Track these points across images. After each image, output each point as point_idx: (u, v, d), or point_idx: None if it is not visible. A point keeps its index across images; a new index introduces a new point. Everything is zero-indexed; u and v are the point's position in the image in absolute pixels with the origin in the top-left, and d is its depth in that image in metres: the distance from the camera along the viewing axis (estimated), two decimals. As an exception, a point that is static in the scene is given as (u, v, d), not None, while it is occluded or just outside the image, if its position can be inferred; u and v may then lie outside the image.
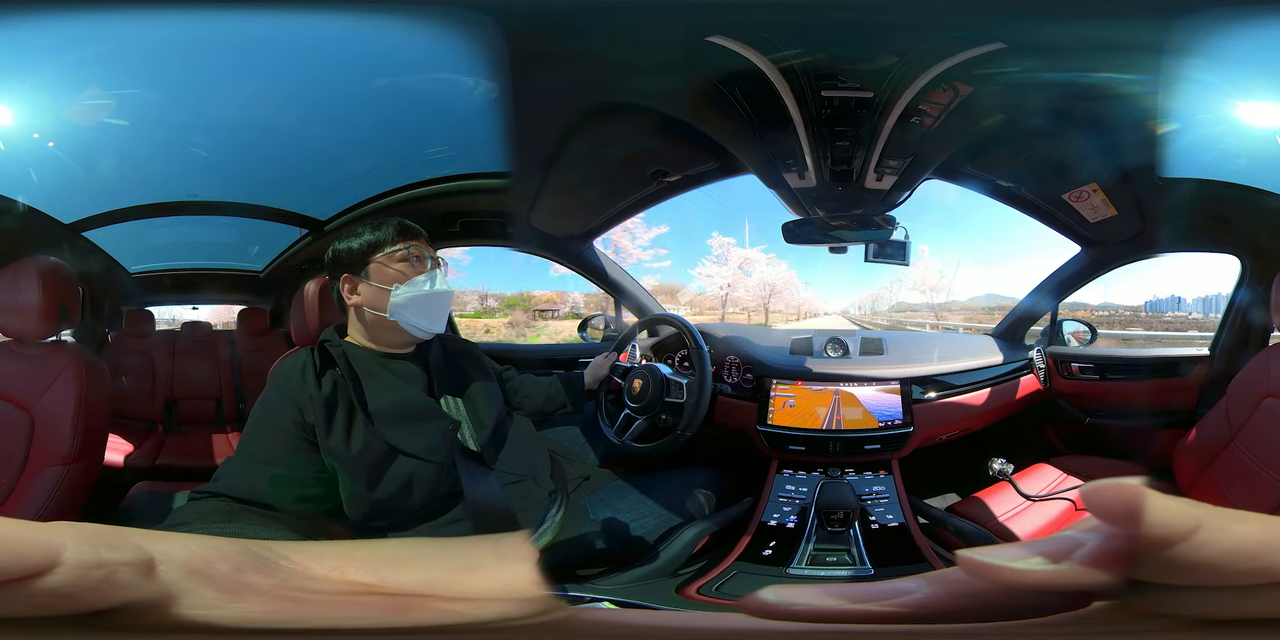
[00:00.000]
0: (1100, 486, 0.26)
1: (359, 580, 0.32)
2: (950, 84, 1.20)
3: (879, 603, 0.28)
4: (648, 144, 1.49)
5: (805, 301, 2.18)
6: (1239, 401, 1.37)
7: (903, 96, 1.21)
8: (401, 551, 0.35)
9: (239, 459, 1.06)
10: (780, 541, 1.36)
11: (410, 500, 1.06)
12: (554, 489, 1.23)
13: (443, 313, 1.15)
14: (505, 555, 0.34)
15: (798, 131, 1.28)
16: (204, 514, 0.99)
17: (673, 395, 1.41)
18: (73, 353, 1.39)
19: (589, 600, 1.11)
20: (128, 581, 0.27)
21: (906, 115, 1.24)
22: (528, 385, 1.40)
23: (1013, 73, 1.22)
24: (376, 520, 1.06)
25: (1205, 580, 0.27)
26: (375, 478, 1.04)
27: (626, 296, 1.80)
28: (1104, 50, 1.17)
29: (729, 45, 1.14)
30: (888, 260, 1.49)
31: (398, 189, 1.68)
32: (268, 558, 0.32)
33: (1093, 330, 1.74)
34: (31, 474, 1.30)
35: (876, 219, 1.44)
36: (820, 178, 1.36)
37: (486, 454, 1.13)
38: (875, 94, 1.22)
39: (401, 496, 1.06)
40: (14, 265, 1.36)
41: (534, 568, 0.33)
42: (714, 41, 1.13)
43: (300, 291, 1.43)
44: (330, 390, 1.05)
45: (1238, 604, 0.28)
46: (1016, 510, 1.45)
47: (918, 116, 1.25)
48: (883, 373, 1.51)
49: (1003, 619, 0.29)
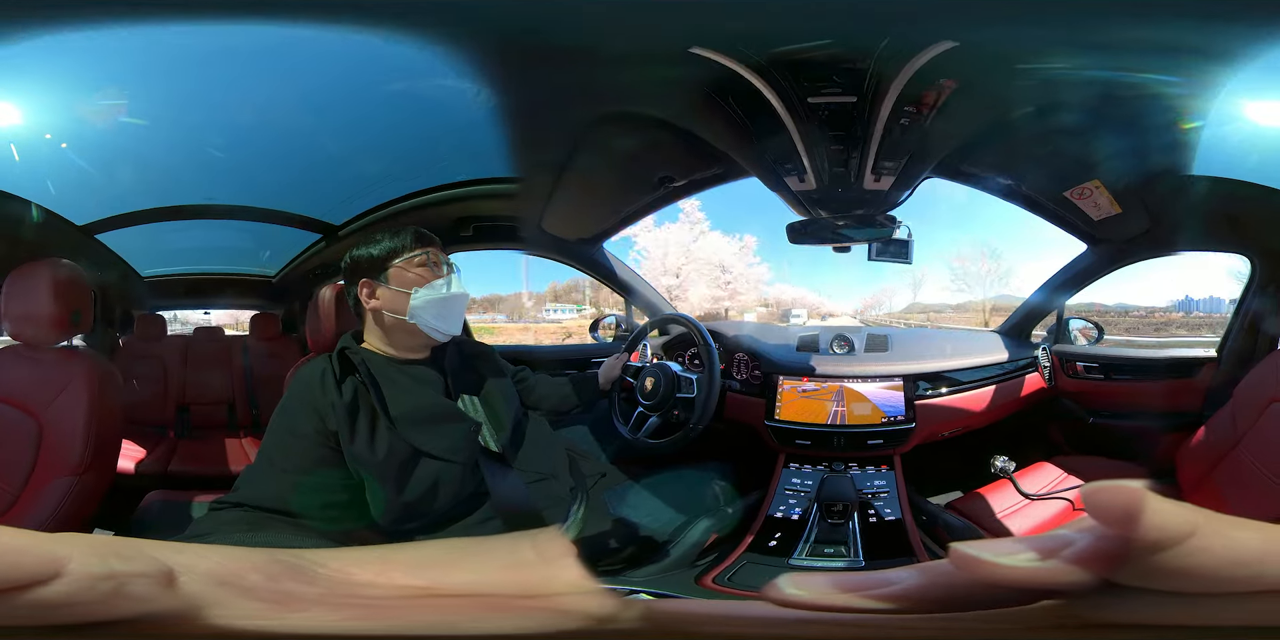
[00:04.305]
0: (1099, 488, 0.25)
1: (409, 584, 0.31)
2: (935, 82, 1.21)
3: (867, 592, 0.28)
4: (653, 150, 1.51)
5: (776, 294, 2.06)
6: (1246, 405, 1.35)
7: (885, 97, 1.22)
8: (440, 553, 0.34)
9: (260, 468, 1.04)
10: (785, 533, 1.39)
11: (437, 502, 1.07)
12: (574, 486, 1.24)
13: (459, 315, 1.16)
14: (545, 551, 0.33)
15: (793, 137, 1.30)
16: (227, 524, 0.98)
17: (684, 392, 1.44)
18: (85, 359, 1.34)
19: (627, 593, 1.13)
20: (143, 593, 0.26)
21: (895, 116, 1.25)
22: (542, 385, 1.40)
23: (1007, 68, 1.22)
24: (406, 524, 1.06)
25: (1195, 586, 0.26)
26: (402, 481, 1.05)
27: (637, 297, 1.81)
28: (1107, 45, 1.17)
29: (709, 55, 1.16)
30: (891, 259, 1.49)
31: (412, 194, 1.65)
32: (302, 566, 0.30)
33: (1099, 328, 1.70)
34: (38, 483, 1.25)
35: (878, 218, 1.43)
36: (820, 180, 1.37)
37: (507, 454, 1.14)
38: (859, 97, 1.23)
39: (429, 499, 1.06)
40: (25, 268, 1.30)
41: (578, 562, 0.33)
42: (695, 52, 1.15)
43: (315, 297, 1.40)
44: (351, 397, 1.05)
45: (1226, 612, 0.27)
46: (1014, 508, 1.45)
47: (906, 117, 1.26)
48: (887, 369, 1.53)
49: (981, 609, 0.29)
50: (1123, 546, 0.25)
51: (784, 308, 2.07)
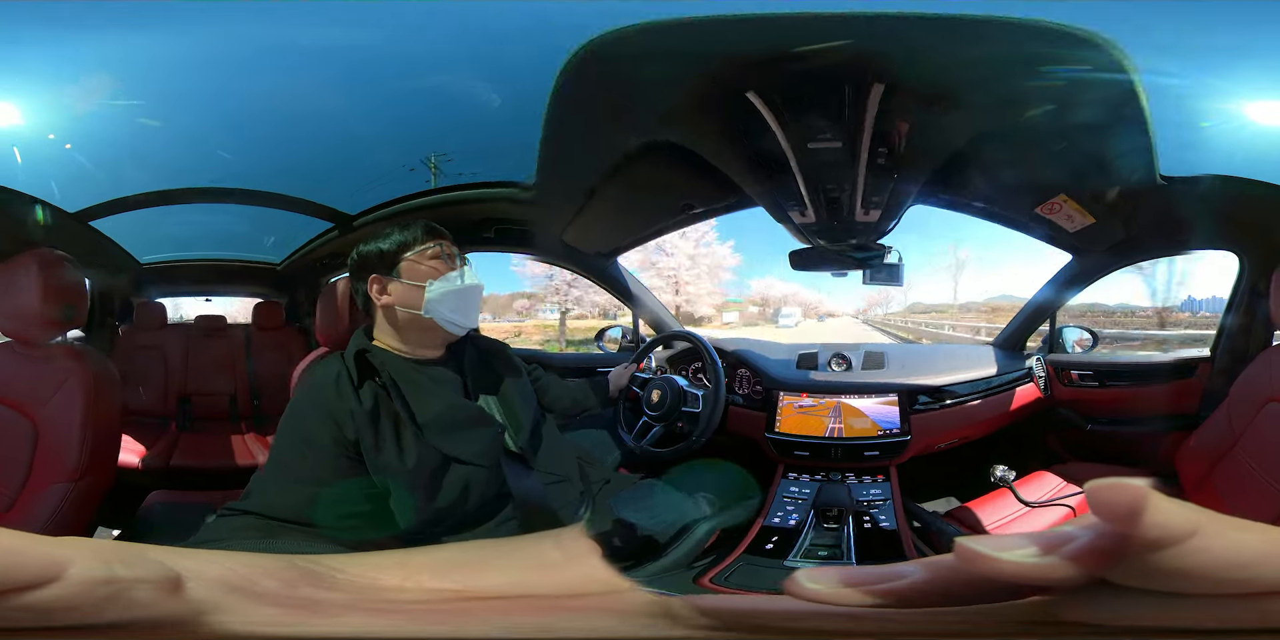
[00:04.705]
0: (1104, 485, 0.24)
1: (440, 587, 0.30)
2: (893, 124, 1.30)
3: (876, 586, 0.28)
4: (678, 178, 1.59)
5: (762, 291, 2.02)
6: (1240, 405, 1.33)
7: (861, 142, 1.31)
8: (463, 555, 0.34)
9: (273, 477, 0.98)
10: (781, 537, 1.42)
11: (467, 506, 1.04)
12: (583, 489, 1.24)
13: (475, 308, 1.13)
14: (570, 551, 0.33)
15: (796, 176, 1.40)
16: (238, 531, 0.92)
17: (689, 406, 1.48)
18: (82, 357, 1.27)
19: None
20: (146, 599, 0.26)
21: (872, 157, 1.35)
22: (556, 386, 1.40)
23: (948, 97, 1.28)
24: (434, 528, 1.03)
25: (1193, 586, 0.26)
26: (434, 489, 1.01)
27: (645, 311, 1.83)
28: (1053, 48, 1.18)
29: (756, 103, 1.25)
30: (883, 282, 1.59)
31: (435, 190, 1.60)
32: (320, 572, 0.30)
33: (1094, 336, 1.70)
34: (35, 487, 1.19)
35: (870, 246, 1.54)
36: (818, 214, 1.48)
37: (527, 455, 1.13)
38: (842, 142, 1.32)
39: (459, 503, 1.03)
40: (15, 260, 1.22)
41: (603, 560, 0.33)
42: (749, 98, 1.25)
43: (327, 289, 1.34)
44: (372, 403, 1.00)
45: (1223, 613, 0.27)
46: (1014, 516, 1.44)
47: (881, 157, 1.36)
48: (883, 384, 1.57)
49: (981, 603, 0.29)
50: (1121, 544, 0.25)
51: (774, 306, 2.05)
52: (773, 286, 2.05)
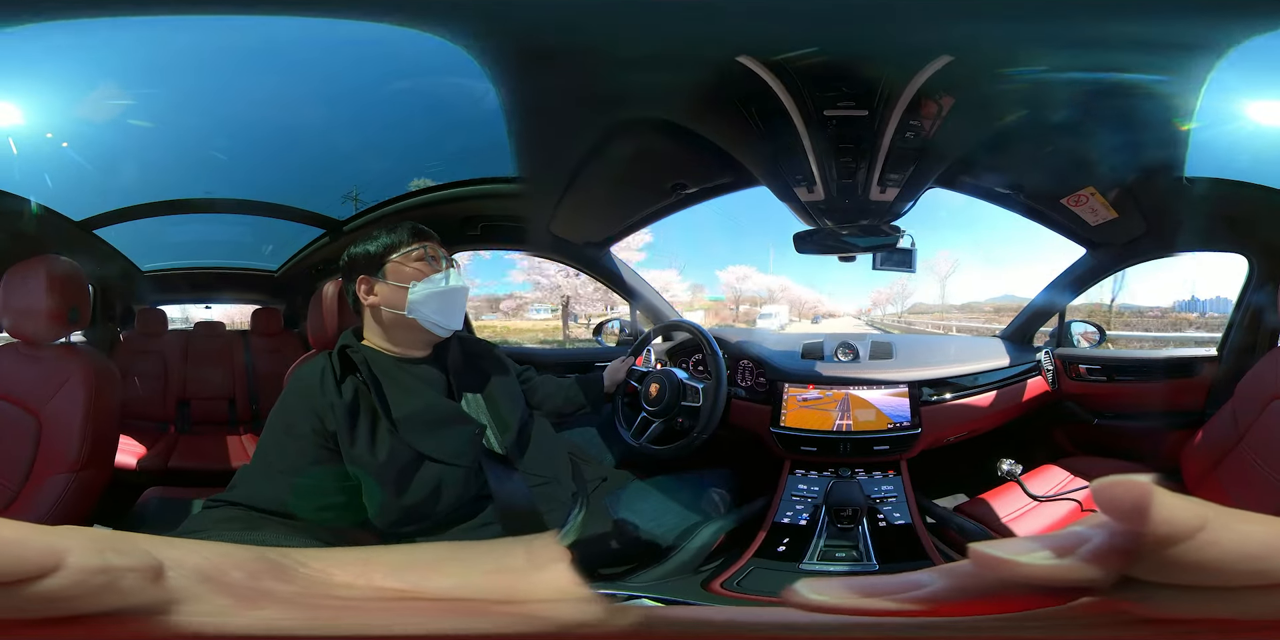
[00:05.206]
0: (1110, 482, 0.25)
1: (388, 586, 0.30)
2: (938, 96, 1.23)
3: (897, 595, 0.27)
4: (667, 156, 1.52)
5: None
6: (1246, 403, 1.34)
7: (894, 111, 1.24)
8: (427, 556, 0.33)
9: (256, 468, 1.02)
10: (794, 538, 1.37)
11: (439, 506, 1.05)
12: (575, 490, 1.23)
13: (459, 309, 1.14)
14: (537, 556, 0.33)
15: (805, 148, 1.31)
16: (221, 522, 0.95)
17: (689, 399, 1.43)
18: (83, 356, 1.33)
19: (625, 598, 1.10)
20: (131, 587, 0.26)
21: (902, 129, 1.28)
22: (547, 385, 1.39)
23: (1003, 76, 1.23)
24: (405, 527, 1.04)
25: (1206, 580, 0.26)
26: (403, 485, 1.02)
27: (642, 302, 1.79)
28: (1099, 44, 1.17)
29: (752, 66, 1.17)
30: (894, 268, 1.50)
31: (419, 191, 1.63)
32: (285, 564, 0.30)
33: (1101, 331, 1.71)
34: (37, 480, 1.25)
35: (883, 228, 1.44)
36: (828, 191, 1.39)
37: (512, 456, 1.13)
38: (870, 112, 1.25)
39: (430, 502, 1.04)
40: (23, 264, 1.29)
41: (570, 567, 0.32)
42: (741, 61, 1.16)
43: (317, 293, 1.39)
44: (352, 397, 1.03)
45: (1236, 605, 0.27)
46: (1023, 510, 1.43)
47: (911, 131, 1.28)
48: (891, 376, 1.52)
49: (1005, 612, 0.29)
50: (1136, 542, 0.25)
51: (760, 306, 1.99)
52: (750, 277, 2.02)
